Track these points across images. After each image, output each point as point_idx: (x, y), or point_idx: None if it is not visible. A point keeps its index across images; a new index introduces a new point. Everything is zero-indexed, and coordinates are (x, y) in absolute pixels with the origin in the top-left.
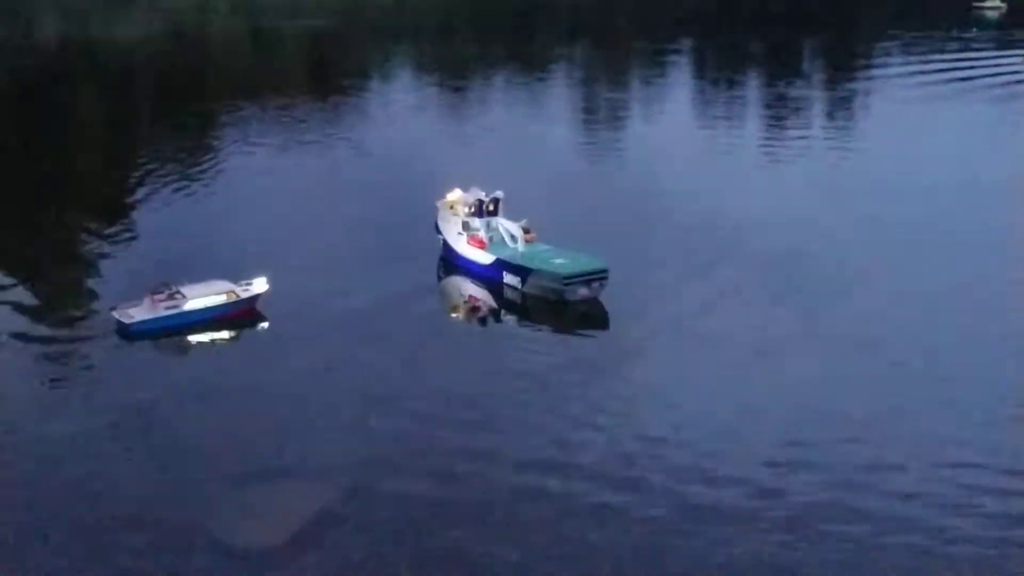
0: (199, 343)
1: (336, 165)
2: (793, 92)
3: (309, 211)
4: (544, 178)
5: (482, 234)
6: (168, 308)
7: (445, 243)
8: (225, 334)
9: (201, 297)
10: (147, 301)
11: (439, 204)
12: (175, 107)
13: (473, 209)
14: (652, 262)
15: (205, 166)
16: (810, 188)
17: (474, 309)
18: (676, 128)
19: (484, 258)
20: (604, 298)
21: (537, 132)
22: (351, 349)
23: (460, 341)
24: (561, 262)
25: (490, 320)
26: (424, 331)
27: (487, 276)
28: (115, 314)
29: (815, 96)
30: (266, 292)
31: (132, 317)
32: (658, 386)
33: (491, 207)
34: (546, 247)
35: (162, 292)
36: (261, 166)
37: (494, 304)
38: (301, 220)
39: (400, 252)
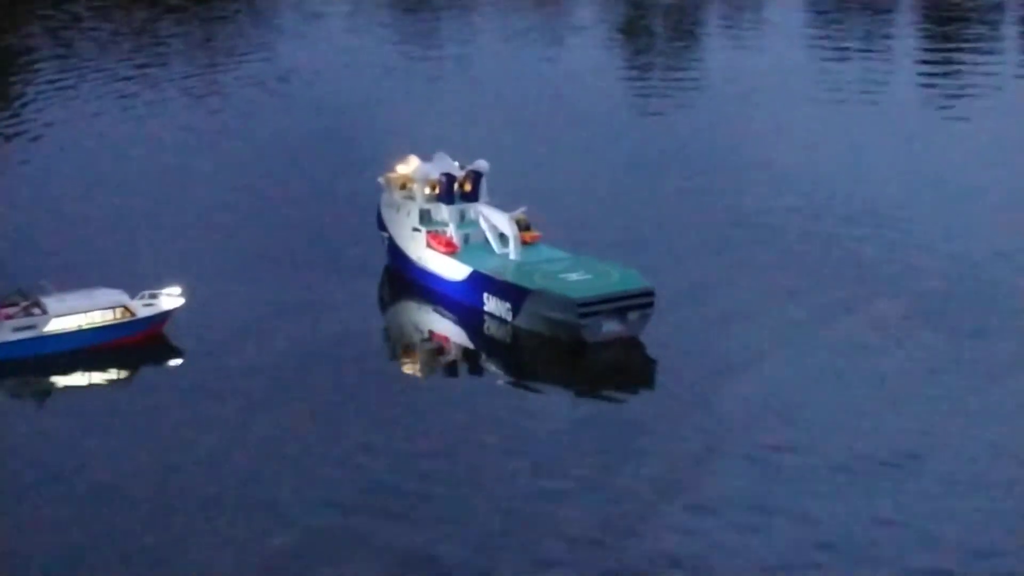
0: (62, 390)
1: (234, 113)
2: None
3: (200, 191)
4: (552, 140)
5: (452, 231)
6: (19, 329)
7: (392, 245)
8: (108, 374)
9: (74, 314)
10: None
11: (384, 182)
12: None
13: (439, 190)
14: (722, 271)
15: (40, 120)
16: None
17: (434, 355)
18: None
19: (454, 270)
20: (649, 337)
21: (541, 67)
22: (254, 430)
23: (408, 417)
24: (577, 279)
25: (459, 376)
26: (355, 397)
27: (458, 299)
28: None
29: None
30: (179, 309)
31: None
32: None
33: (467, 186)
34: (555, 254)
35: (16, 303)
36: (120, 116)
37: (467, 344)
38: (194, 203)
39: (330, 258)
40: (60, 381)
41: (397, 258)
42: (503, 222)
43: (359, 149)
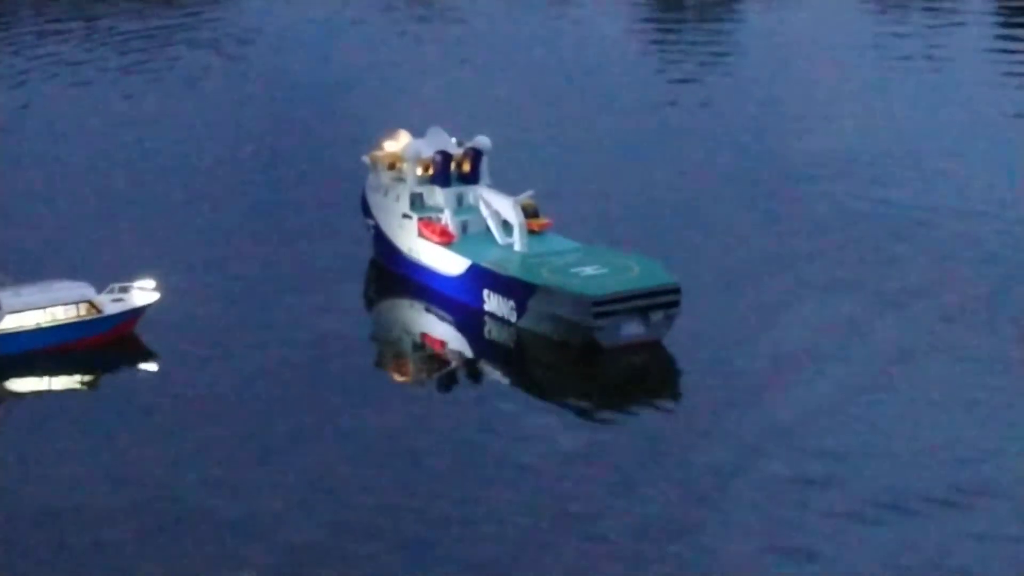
0: (14, 397)
1: (193, 84)
2: None
3: (166, 175)
4: (565, 114)
5: (447, 218)
6: None
7: (379, 234)
8: (68, 379)
9: (30, 309)
10: None
11: (369, 161)
12: None
13: (432, 170)
14: (756, 264)
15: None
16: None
17: (427, 363)
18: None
19: (450, 263)
20: (674, 342)
21: (554, 29)
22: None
23: (397, 434)
24: (592, 273)
25: (455, 388)
26: (336, 411)
27: (455, 296)
28: None
29: None
30: (152, 304)
31: None
32: None
33: (466, 166)
34: (567, 244)
35: None
36: (88, 94)
37: (464, 350)
38: (159, 187)
39: (309, 249)
40: (13, 387)
41: (385, 249)
42: (507, 208)
43: (341, 123)
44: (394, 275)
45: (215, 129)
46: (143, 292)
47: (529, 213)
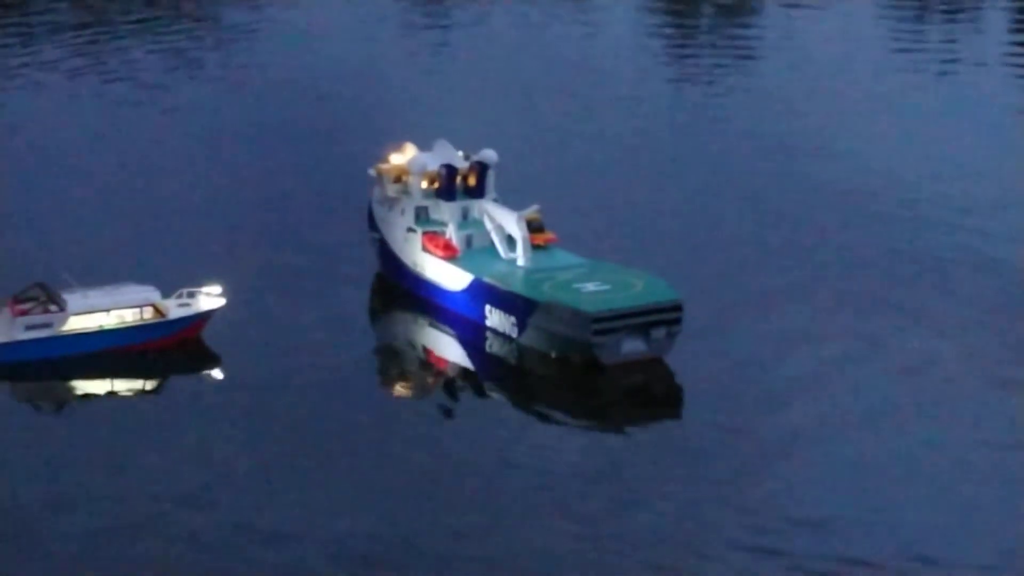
0: (77, 398)
1: (190, 94)
2: None
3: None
4: (575, 127)
5: (451, 232)
6: (33, 327)
7: (384, 248)
8: (131, 382)
9: (96, 312)
10: (4, 312)
11: (375, 174)
12: None
13: (438, 184)
14: (766, 280)
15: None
16: None
17: (428, 378)
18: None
19: (453, 277)
20: (676, 360)
21: (567, 38)
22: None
23: (397, 450)
24: (594, 289)
25: (455, 403)
26: (339, 427)
27: (458, 311)
28: None
29: None
30: (220, 309)
31: None
32: None
33: (472, 180)
34: (571, 260)
35: (31, 300)
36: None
37: (466, 365)
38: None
39: (313, 263)
40: (76, 388)
41: (390, 263)
42: (511, 222)
43: (346, 135)
44: (399, 289)
45: (214, 143)
46: (209, 297)
47: (534, 228)
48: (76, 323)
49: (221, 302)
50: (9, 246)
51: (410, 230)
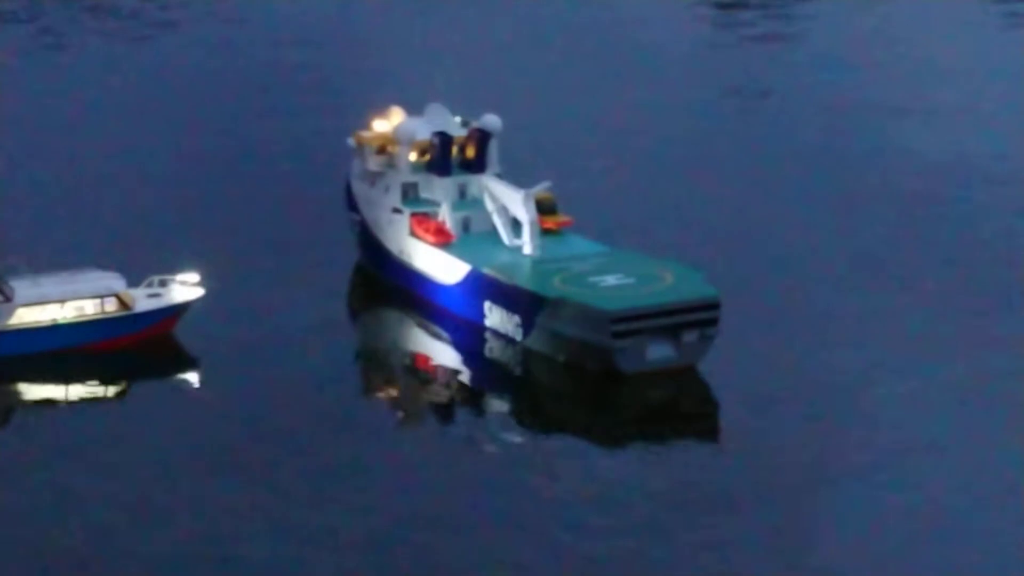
0: (24, 406)
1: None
2: None
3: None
4: (594, 91)
5: (445, 213)
6: None
7: (365, 232)
8: (88, 387)
9: (49, 303)
10: None
11: (355, 144)
12: None
13: (429, 155)
14: (810, 276)
15: None
16: None
17: (418, 389)
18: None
19: (446, 268)
20: (710, 368)
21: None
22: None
23: (383, 476)
24: (614, 283)
25: (450, 420)
26: (311, 448)
27: (452, 309)
28: None
29: None
30: (197, 300)
31: None
32: None
33: (470, 151)
34: (589, 247)
35: None
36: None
37: (462, 373)
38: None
39: (282, 248)
40: (23, 393)
41: (371, 250)
42: (516, 202)
43: (324, 97)
44: (382, 281)
45: (181, 105)
46: (184, 287)
47: (545, 209)
48: (25, 316)
49: (198, 293)
50: None
51: (396, 211)
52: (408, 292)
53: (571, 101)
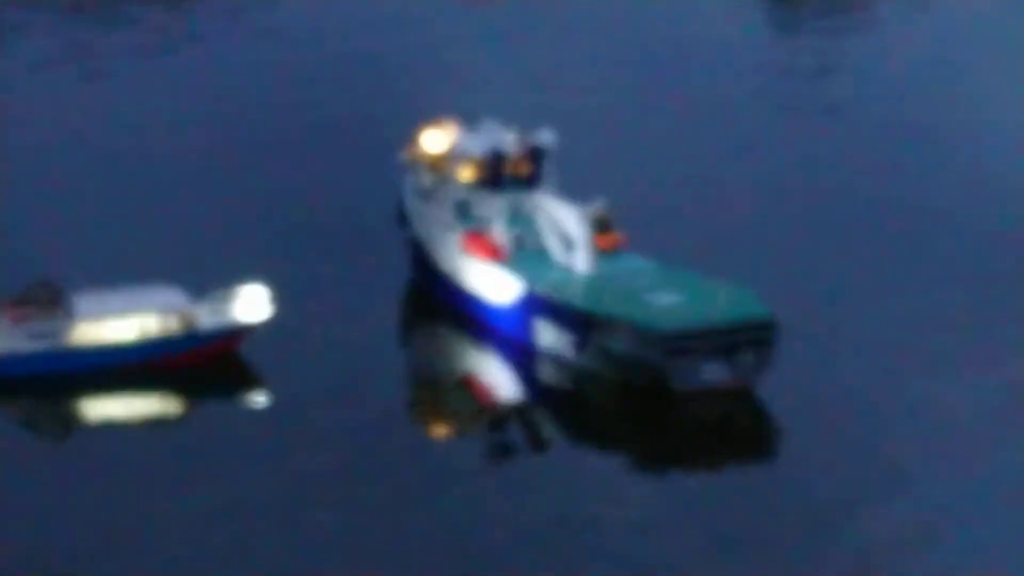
0: (83, 429)
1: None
2: None
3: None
4: (652, 109)
5: (498, 230)
6: (36, 335)
7: (418, 250)
8: (149, 405)
9: (109, 318)
10: (1, 318)
11: (408, 160)
12: None
13: (483, 172)
14: (873, 293)
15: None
16: None
17: (469, 410)
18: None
19: (499, 287)
20: (767, 389)
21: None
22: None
23: (431, 500)
24: (668, 302)
25: (501, 441)
26: (360, 470)
27: (505, 328)
28: None
29: None
30: (263, 322)
31: None
32: None
33: (524, 167)
34: (643, 265)
35: (32, 303)
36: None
37: (514, 394)
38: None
39: (334, 266)
40: (83, 411)
41: (425, 268)
42: (571, 220)
43: (376, 112)
44: (436, 300)
45: (224, 123)
46: (248, 301)
47: (599, 227)
48: (86, 332)
49: (266, 312)
50: (7, 239)
51: (449, 229)
52: (460, 312)
53: (624, 117)
